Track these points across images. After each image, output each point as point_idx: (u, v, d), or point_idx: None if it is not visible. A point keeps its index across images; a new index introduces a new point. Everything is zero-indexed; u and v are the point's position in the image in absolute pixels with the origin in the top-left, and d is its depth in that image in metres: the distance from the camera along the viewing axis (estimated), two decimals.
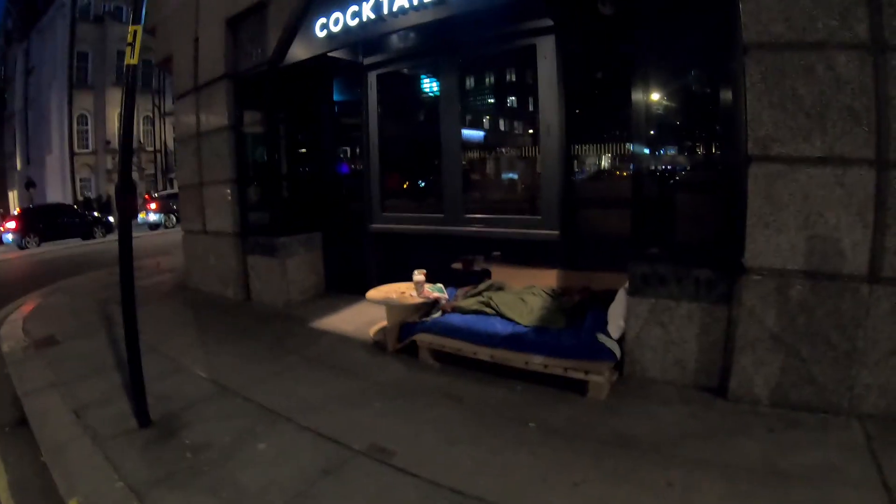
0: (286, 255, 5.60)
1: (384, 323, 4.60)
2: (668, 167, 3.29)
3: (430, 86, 5.32)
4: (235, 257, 5.99)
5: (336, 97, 6.11)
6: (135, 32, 2.68)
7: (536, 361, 3.30)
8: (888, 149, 2.54)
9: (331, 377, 3.71)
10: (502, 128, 5.06)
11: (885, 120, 2.52)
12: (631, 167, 3.48)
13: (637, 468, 2.46)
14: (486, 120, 5.23)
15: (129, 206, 2.85)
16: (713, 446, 2.60)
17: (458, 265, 5.08)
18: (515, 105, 4.86)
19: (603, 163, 4.25)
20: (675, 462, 2.48)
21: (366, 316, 4.99)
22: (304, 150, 6.02)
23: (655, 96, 3.23)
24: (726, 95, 2.96)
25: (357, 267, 5.79)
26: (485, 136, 5.17)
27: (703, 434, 2.72)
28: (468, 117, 5.05)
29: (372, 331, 4.55)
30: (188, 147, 6.64)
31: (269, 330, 4.92)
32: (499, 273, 4.61)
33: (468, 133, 5.01)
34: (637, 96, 3.30)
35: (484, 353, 3.55)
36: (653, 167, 3.30)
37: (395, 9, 4.18)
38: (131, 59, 2.65)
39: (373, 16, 4.32)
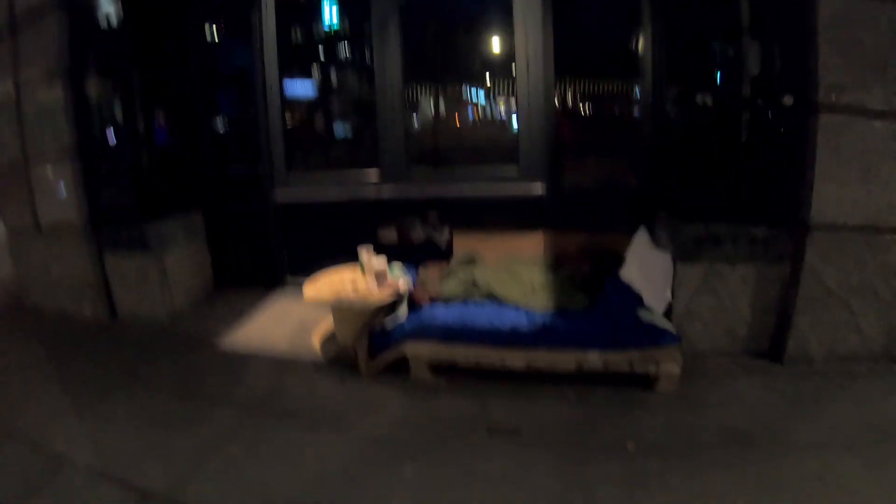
0: (163, 247, 3.71)
1: (327, 327, 3.34)
2: (704, 114, 2.81)
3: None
4: (89, 260, 3.78)
5: (213, 25, 4.16)
6: None
7: (593, 360, 2.57)
8: None
9: (303, 437, 2.37)
10: (461, 58, 3.86)
11: None
12: (666, 112, 2.92)
13: (777, 468, 2.04)
14: (438, 47, 3.86)
15: None
16: (812, 420, 2.37)
17: (389, 234, 3.95)
18: (481, 27, 3.68)
19: (597, 103, 3.54)
20: (800, 447, 2.15)
21: (290, 320, 3.61)
22: (169, 102, 4.01)
23: (685, 27, 2.65)
24: (780, 33, 2.57)
25: (254, 251, 4.21)
26: (436, 69, 3.93)
27: (793, 408, 2.46)
28: (411, 44, 3.71)
29: (317, 343, 3.24)
30: (2, 113, 3.95)
31: (166, 364, 3.13)
32: (463, 242, 3.63)
33: (410, 64, 3.72)
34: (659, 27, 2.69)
35: (516, 360, 2.65)
36: (684, 114, 2.79)
37: None
38: None
39: None
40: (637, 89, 3.29)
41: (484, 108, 3.97)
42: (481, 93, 3.96)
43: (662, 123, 3.18)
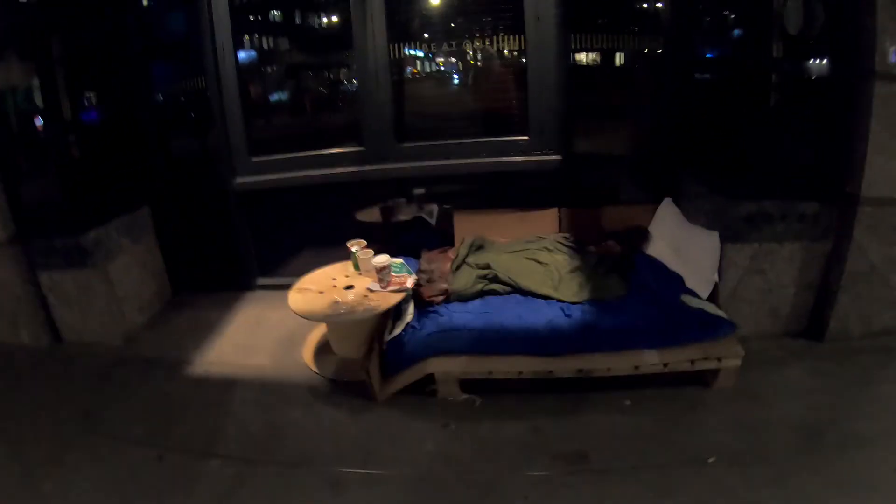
0: (106, 257, 2.89)
1: (318, 335, 2.78)
2: (734, 77, 2.48)
3: None
4: (20, 279, 2.92)
5: None
6: None
7: (651, 362, 2.22)
8: None
9: (326, 494, 1.85)
10: (458, 17, 3.15)
11: None
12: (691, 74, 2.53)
13: (855, 464, 1.87)
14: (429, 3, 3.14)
15: None
16: (868, 406, 2.20)
17: (370, 216, 3.36)
18: None
19: (615, 61, 3.05)
20: (868, 439, 1.99)
21: (269, 330, 2.97)
22: (99, 80, 3.12)
23: None
24: None
25: (215, 249, 3.46)
26: (426, 27, 3.19)
27: (846, 393, 2.29)
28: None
29: (307, 358, 2.67)
30: None
31: (129, 401, 2.44)
32: (465, 223, 3.12)
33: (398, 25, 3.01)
34: None
35: (566, 369, 2.25)
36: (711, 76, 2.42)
37: None
38: None
39: None
40: (659, 45, 2.89)
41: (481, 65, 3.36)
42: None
43: (687, 87, 2.83)
